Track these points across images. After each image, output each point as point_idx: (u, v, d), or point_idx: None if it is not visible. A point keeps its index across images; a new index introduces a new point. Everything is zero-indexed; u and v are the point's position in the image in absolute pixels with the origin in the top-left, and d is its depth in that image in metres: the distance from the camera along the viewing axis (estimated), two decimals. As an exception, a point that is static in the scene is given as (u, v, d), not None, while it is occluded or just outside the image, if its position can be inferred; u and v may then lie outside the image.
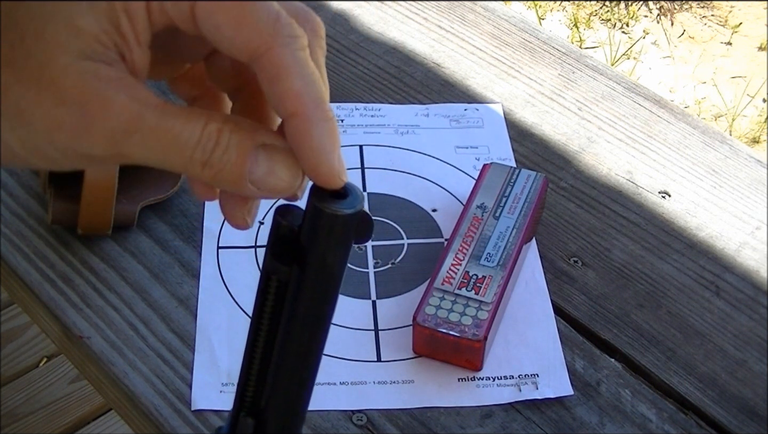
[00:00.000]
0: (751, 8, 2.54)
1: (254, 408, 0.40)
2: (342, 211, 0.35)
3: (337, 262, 0.37)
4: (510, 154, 0.85)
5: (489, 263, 0.70)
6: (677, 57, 2.38)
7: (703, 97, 2.27)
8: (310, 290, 0.37)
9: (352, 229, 0.36)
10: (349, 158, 0.85)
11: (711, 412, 0.67)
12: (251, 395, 0.40)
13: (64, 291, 0.73)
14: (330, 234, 0.36)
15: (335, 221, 0.35)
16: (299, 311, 0.38)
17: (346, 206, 0.35)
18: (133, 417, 0.68)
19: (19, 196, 0.80)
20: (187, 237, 0.77)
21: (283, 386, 0.39)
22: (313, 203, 0.36)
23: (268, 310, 0.38)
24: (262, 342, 0.39)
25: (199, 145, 0.34)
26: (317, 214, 0.35)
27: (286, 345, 0.38)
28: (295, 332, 0.38)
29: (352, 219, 0.36)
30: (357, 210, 0.35)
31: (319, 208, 0.35)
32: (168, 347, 0.69)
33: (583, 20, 2.47)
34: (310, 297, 0.37)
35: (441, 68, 0.94)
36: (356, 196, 0.36)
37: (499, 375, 0.68)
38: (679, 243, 0.79)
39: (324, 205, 0.35)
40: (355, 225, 0.36)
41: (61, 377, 1.52)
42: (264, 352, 0.39)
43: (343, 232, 0.36)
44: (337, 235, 0.36)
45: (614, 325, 0.72)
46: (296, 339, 0.38)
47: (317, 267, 0.36)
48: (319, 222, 0.36)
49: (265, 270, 0.38)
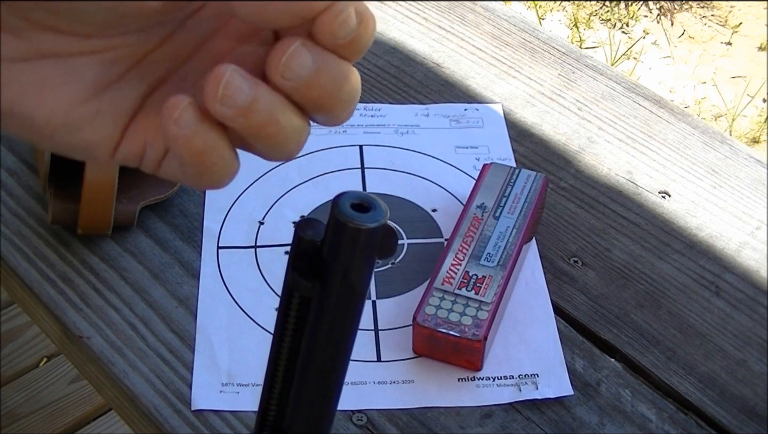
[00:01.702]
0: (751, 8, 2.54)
1: (277, 427, 0.39)
2: (365, 224, 0.34)
3: (361, 278, 0.36)
4: (510, 154, 0.85)
5: (489, 263, 0.70)
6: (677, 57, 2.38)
7: (703, 97, 2.27)
8: (333, 306, 0.36)
9: (375, 243, 0.35)
10: (349, 158, 0.85)
11: (711, 412, 0.67)
12: (274, 414, 0.39)
13: (64, 291, 0.73)
14: (353, 249, 0.35)
15: (358, 235, 0.34)
16: (322, 328, 0.37)
17: (369, 220, 0.34)
18: (133, 417, 0.68)
19: (19, 196, 0.80)
20: (187, 237, 0.77)
21: (306, 404, 0.39)
22: (335, 216, 0.34)
23: (290, 327, 0.37)
24: (284, 359, 0.38)
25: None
26: (340, 227, 0.34)
27: (309, 363, 0.38)
28: (319, 349, 0.37)
29: (376, 234, 0.34)
30: (381, 223, 0.34)
31: (341, 222, 0.34)
32: (168, 347, 0.69)
33: (583, 20, 2.47)
34: (333, 314, 0.36)
35: (441, 68, 0.94)
36: (380, 209, 0.35)
37: (499, 375, 0.68)
38: (679, 243, 0.79)
39: (347, 219, 0.34)
40: (379, 240, 0.35)
41: (61, 377, 1.52)
42: (286, 370, 0.38)
43: (367, 247, 0.35)
44: (360, 250, 0.35)
45: (614, 325, 0.72)
46: (319, 356, 0.37)
47: (340, 283, 0.35)
48: (341, 237, 0.34)
49: (287, 286, 0.37)
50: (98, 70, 0.35)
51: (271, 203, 0.80)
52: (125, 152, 0.36)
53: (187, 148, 0.34)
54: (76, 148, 0.36)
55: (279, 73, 0.33)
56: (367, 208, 0.35)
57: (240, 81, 0.33)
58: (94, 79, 0.35)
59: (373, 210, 0.35)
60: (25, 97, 0.34)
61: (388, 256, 0.35)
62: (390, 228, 0.35)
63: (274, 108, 0.33)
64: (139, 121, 0.36)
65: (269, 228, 0.78)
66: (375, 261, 0.36)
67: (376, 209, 0.35)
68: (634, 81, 0.95)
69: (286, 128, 0.34)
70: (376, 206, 0.35)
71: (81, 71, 0.35)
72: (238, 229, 0.78)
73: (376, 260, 0.36)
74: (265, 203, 0.80)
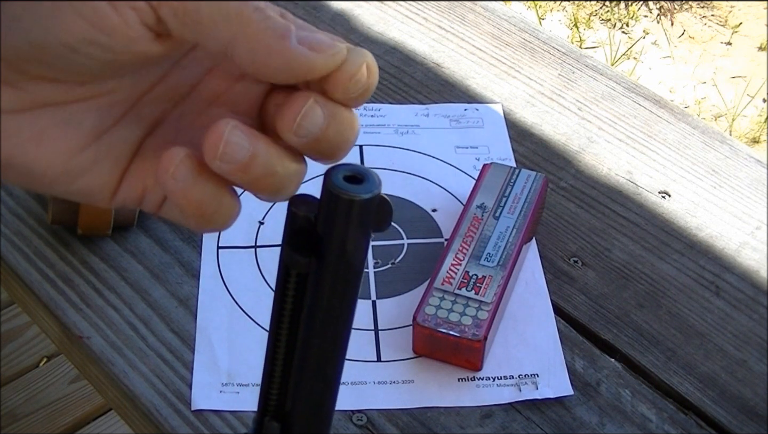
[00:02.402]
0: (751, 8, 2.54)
1: (279, 411, 0.39)
2: (359, 195, 0.34)
3: (357, 250, 0.35)
4: (510, 154, 0.85)
5: (489, 263, 0.70)
6: (677, 57, 2.38)
7: (703, 97, 2.27)
8: (330, 280, 0.36)
9: (371, 215, 0.34)
10: (349, 158, 0.84)
11: (711, 412, 0.67)
12: (275, 397, 0.39)
13: (64, 291, 0.73)
14: (348, 221, 0.34)
15: (352, 206, 0.34)
16: (320, 304, 0.36)
17: (362, 191, 0.34)
18: (133, 417, 0.68)
19: (19, 196, 0.80)
20: (187, 237, 0.77)
21: (307, 385, 0.38)
22: (328, 189, 0.34)
23: (288, 307, 0.36)
24: (284, 341, 0.37)
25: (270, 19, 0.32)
26: (333, 200, 0.34)
27: (309, 342, 0.37)
28: (317, 326, 0.37)
29: (370, 204, 0.34)
30: (374, 194, 0.34)
31: (334, 194, 0.34)
32: (168, 347, 0.69)
33: (583, 20, 2.47)
34: (331, 288, 0.36)
35: (441, 68, 0.94)
36: (373, 180, 0.34)
37: (499, 375, 0.68)
38: (679, 243, 0.79)
39: (339, 191, 0.33)
40: (374, 211, 0.34)
41: (61, 377, 1.52)
42: (286, 352, 0.38)
43: (362, 218, 0.34)
44: (355, 221, 0.34)
45: (614, 325, 0.72)
46: (319, 334, 0.37)
47: (337, 256, 0.35)
48: (335, 209, 0.34)
49: (283, 264, 0.36)
50: (95, 116, 0.35)
51: (271, 203, 0.80)
52: (124, 196, 0.37)
53: (185, 200, 0.34)
54: (75, 194, 0.36)
55: (293, 132, 0.33)
56: (360, 179, 0.34)
57: (239, 138, 0.33)
58: (92, 125, 0.35)
59: (366, 181, 0.34)
60: (23, 149, 0.34)
61: (383, 227, 0.35)
62: (384, 198, 0.34)
63: (272, 160, 0.34)
64: (137, 165, 0.37)
65: (269, 228, 0.78)
66: (371, 232, 0.35)
67: (369, 180, 0.34)
68: (634, 81, 0.95)
69: (284, 177, 0.34)
70: (369, 177, 0.34)
71: (78, 119, 0.35)
72: (238, 229, 0.78)
73: (372, 232, 0.35)
74: (265, 203, 0.80)
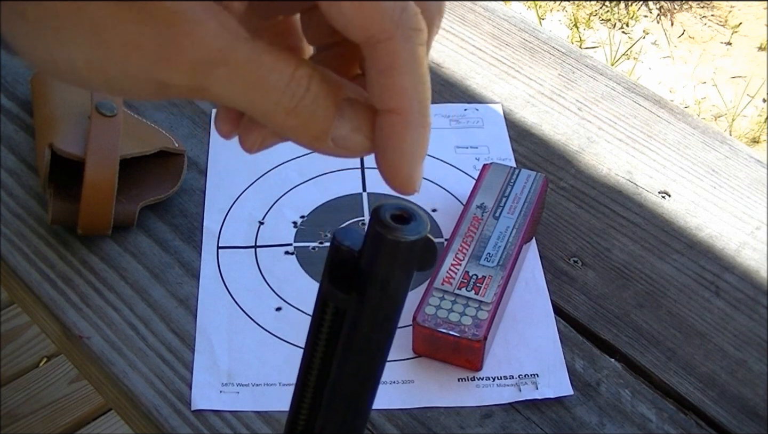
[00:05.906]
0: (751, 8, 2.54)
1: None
2: (405, 237, 0.33)
3: (400, 289, 0.35)
4: (510, 154, 0.85)
5: (489, 263, 0.70)
6: (677, 57, 2.38)
7: (703, 97, 2.27)
8: (370, 318, 0.36)
9: (415, 256, 0.34)
10: (349, 159, 0.84)
11: (711, 412, 0.67)
12: (303, 423, 0.39)
13: (64, 291, 0.73)
14: (392, 261, 0.34)
15: (398, 247, 0.34)
16: (358, 339, 0.36)
17: (409, 232, 0.34)
18: (133, 417, 0.68)
19: (19, 196, 0.80)
20: (187, 237, 0.77)
21: (338, 414, 0.38)
22: (375, 228, 0.34)
23: (323, 337, 0.36)
24: (316, 369, 0.37)
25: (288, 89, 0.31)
26: (379, 239, 0.34)
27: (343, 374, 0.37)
28: (353, 358, 0.37)
29: (416, 246, 0.34)
30: (421, 236, 0.34)
31: (381, 234, 0.34)
32: (168, 347, 0.69)
33: (583, 20, 2.47)
34: (370, 325, 0.36)
35: (441, 68, 0.94)
36: (420, 221, 0.34)
37: (499, 375, 0.68)
38: (679, 243, 0.79)
39: (387, 231, 0.33)
40: (419, 252, 0.34)
41: (61, 377, 1.52)
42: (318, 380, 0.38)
43: (406, 259, 0.34)
44: (400, 262, 0.34)
45: (614, 325, 0.72)
46: (354, 367, 0.37)
47: (379, 294, 0.35)
48: (381, 248, 0.34)
49: (321, 297, 0.36)
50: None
51: (271, 203, 0.80)
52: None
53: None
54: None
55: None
56: (408, 219, 0.34)
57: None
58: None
59: (413, 221, 0.34)
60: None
61: (427, 268, 0.35)
62: (430, 240, 0.34)
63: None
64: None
65: (269, 228, 0.78)
66: (413, 273, 0.35)
67: (417, 220, 0.34)
68: (634, 81, 0.95)
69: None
70: (417, 217, 0.34)
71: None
72: (238, 229, 0.78)
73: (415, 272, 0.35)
74: (265, 203, 0.80)
